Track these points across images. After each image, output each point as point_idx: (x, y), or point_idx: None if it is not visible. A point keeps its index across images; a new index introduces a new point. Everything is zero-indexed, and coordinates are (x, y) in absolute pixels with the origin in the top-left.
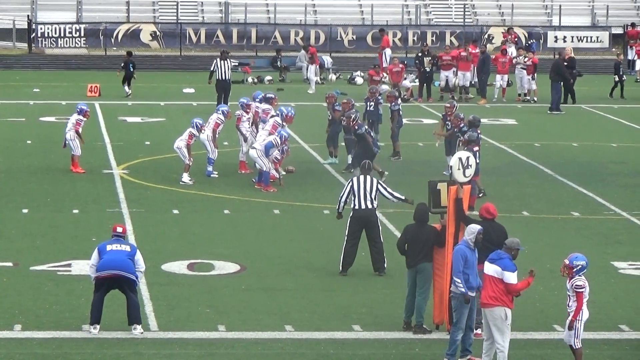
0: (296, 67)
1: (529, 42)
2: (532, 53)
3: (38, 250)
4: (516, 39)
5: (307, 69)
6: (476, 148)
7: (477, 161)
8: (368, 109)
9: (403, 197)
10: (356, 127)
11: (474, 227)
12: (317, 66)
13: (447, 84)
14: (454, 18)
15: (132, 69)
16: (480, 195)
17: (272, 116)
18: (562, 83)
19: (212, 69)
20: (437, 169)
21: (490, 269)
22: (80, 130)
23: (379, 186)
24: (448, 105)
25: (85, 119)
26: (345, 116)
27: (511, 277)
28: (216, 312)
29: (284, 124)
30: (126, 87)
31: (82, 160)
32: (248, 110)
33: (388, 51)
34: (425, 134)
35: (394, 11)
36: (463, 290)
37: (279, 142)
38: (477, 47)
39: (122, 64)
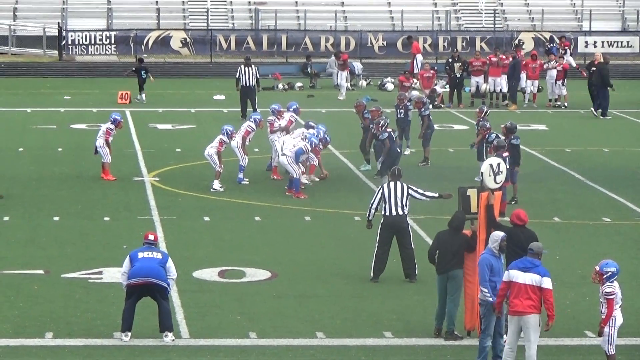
0: (326, 74)
1: (549, 46)
2: (556, 57)
3: (69, 258)
4: (566, 47)
5: (337, 75)
6: (505, 154)
7: (507, 167)
8: (398, 116)
9: (437, 194)
10: (378, 133)
11: (497, 235)
12: (348, 72)
13: (477, 90)
14: (484, 23)
15: (144, 76)
16: (513, 202)
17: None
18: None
19: (237, 76)
20: (468, 175)
21: (526, 277)
22: (110, 139)
23: (410, 190)
24: (478, 110)
25: (117, 129)
26: (374, 123)
27: (549, 283)
28: (247, 319)
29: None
30: (143, 95)
31: (113, 167)
32: (280, 117)
33: (419, 57)
34: (456, 140)
35: (424, 17)
36: (491, 299)
37: (309, 149)
38: (512, 56)
39: (133, 69)
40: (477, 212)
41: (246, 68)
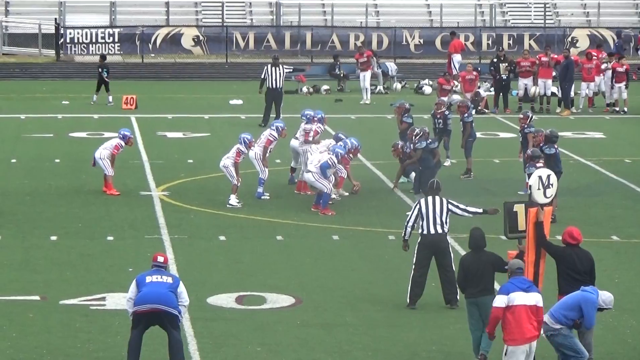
0: (356, 75)
1: (618, 42)
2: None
3: (68, 283)
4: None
5: (362, 78)
6: (540, 164)
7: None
8: (437, 125)
9: (481, 210)
10: (415, 141)
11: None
12: (371, 72)
13: (525, 93)
14: (533, 19)
15: (105, 75)
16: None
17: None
18: None
19: (262, 76)
20: (515, 188)
21: (530, 298)
22: (116, 154)
23: (450, 206)
24: (522, 116)
25: (126, 146)
26: (410, 130)
27: (542, 302)
28: (268, 351)
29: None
30: (110, 97)
31: (117, 180)
32: (315, 123)
33: (457, 57)
34: (502, 150)
35: (466, 12)
36: (558, 326)
37: (335, 162)
38: (564, 56)
39: (99, 69)
40: (525, 230)
41: (273, 68)
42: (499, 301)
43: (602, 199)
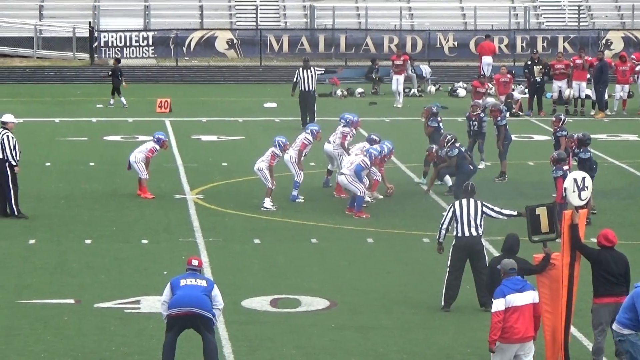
0: (390, 78)
1: None
2: None
3: (103, 286)
4: None
5: (395, 81)
6: (566, 167)
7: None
8: (471, 128)
9: (515, 213)
10: (447, 149)
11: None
12: (404, 76)
13: (560, 96)
14: (567, 21)
15: (120, 78)
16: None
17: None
18: None
19: (294, 79)
20: (549, 191)
21: (526, 298)
22: (151, 158)
23: (485, 208)
24: (554, 119)
25: (161, 149)
26: (441, 137)
27: (537, 296)
28: (303, 354)
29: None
30: (123, 99)
31: (152, 184)
32: (356, 127)
33: (486, 59)
34: (536, 152)
35: (500, 14)
36: (627, 332)
37: (368, 163)
38: (598, 58)
39: (110, 73)
40: (548, 232)
41: (305, 71)
42: (498, 305)
43: (636, 201)
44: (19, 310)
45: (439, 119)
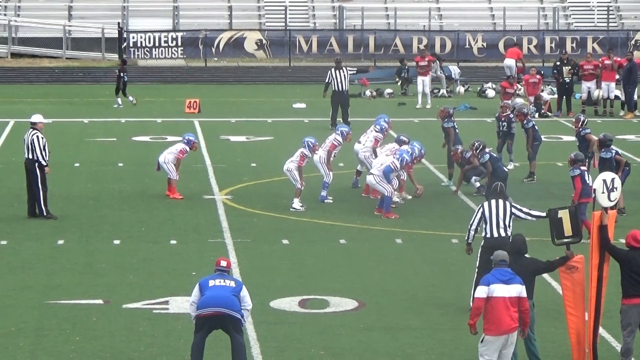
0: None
1: None
2: None
3: (131, 286)
4: None
5: (421, 82)
6: (583, 167)
7: (588, 182)
8: (500, 128)
9: (544, 214)
10: (479, 157)
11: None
12: (429, 77)
13: (589, 96)
14: (596, 22)
15: (125, 79)
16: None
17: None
18: None
19: (327, 80)
20: None
21: (511, 290)
22: (181, 159)
23: (514, 209)
24: (575, 120)
25: (191, 151)
26: (470, 145)
27: (525, 291)
28: (331, 355)
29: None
30: (130, 97)
31: (181, 184)
32: (389, 129)
33: (507, 61)
34: (565, 153)
35: (529, 15)
36: None
37: (398, 166)
38: (627, 59)
39: (118, 72)
40: (572, 236)
41: (337, 71)
42: (480, 292)
43: None
44: (48, 310)
45: (454, 119)
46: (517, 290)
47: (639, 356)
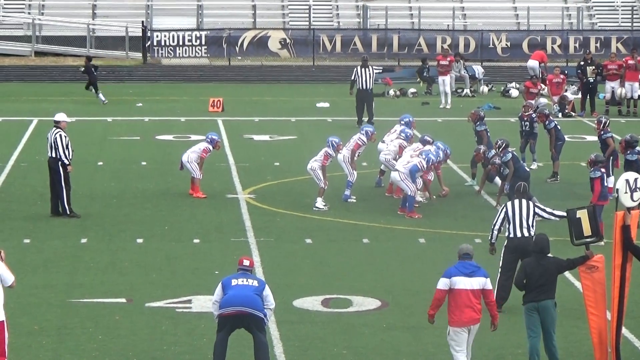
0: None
1: None
2: None
3: (154, 285)
4: None
5: (442, 82)
6: (603, 170)
7: (606, 184)
8: (523, 128)
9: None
10: (501, 155)
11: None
12: (450, 77)
13: (612, 96)
14: (620, 22)
15: (95, 73)
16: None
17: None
18: None
19: (352, 78)
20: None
21: (473, 282)
22: (205, 158)
23: (537, 209)
24: (597, 122)
25: (214, 150)
26: (494, 142)
27: (490, 283)
28: (354, 354)
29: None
30: (100, 95)
31: (204, 183)
32: (411, 128)
33: (530, 62)
34: (589, 153)
35: (553, 15)
36: None
37: (425, 166)
38: None
39: (83, 69)
40: (591, 236)
41: (363, 69)
42: (441, 284)
43: None
44: (71, 309)
45: (485, 122)
46: (480, 282)
47: None
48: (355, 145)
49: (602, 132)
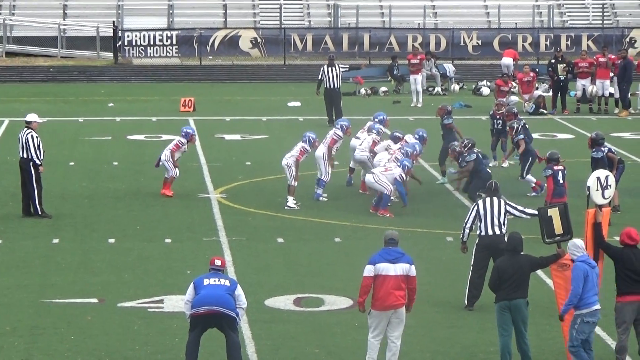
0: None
1: None
2: None
3: (126, 285)
4: None
5: (413, 81)
6: (557, 167)
7: (564, 181)
8: (495, 126)
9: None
10: (465, 154)
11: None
12: (421, 75)
13: (583, 94)
14: (591, 19)
15: None
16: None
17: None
18: None
19: (319, 77)
20: (575, 190)
21: (397, 268)
22: (176, 155)
23: (508, 207)
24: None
25: (189, 144)
26: (459, 143)
27: (414, 270)
28: (326, 353)
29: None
30: None
31: (176, 182)
32: (385, 126)
33: (504, 60)
34: (561, 150)
35: (523, 13)
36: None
37: (404, 177)
38: (622, 57)
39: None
40: (562, 234)
41: (330, 68)
42: (366, 271)
43: None
44: (43, 309)
45: (452, 117)
46: (404, 268)
47: (633, 354)
48: (331, 140)
49: (593, 151)
